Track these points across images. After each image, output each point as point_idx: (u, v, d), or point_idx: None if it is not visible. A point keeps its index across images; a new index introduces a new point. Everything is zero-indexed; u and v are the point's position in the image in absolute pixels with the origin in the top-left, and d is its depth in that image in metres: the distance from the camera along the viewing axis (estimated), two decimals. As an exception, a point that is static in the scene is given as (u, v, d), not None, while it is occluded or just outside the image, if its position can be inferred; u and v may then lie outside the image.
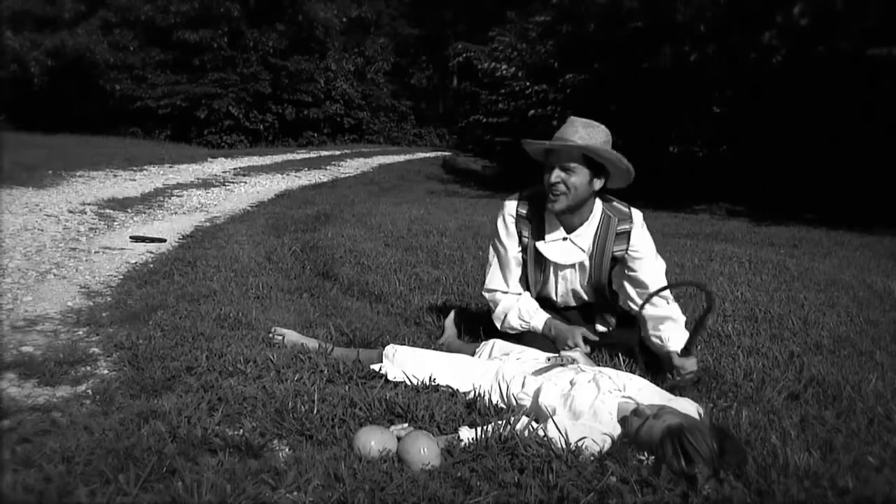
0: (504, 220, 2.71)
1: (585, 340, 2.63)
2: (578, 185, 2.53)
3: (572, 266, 2.70)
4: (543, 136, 2.75)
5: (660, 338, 2.58)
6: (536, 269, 2.73)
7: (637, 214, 2.69)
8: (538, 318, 2.68)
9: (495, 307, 2.76)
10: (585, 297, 2.79)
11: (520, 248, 2.71)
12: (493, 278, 2.76)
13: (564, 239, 2.66)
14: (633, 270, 2.68)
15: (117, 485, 1.60)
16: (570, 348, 2.55)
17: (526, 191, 2.73)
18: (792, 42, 9.12)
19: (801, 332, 3.26)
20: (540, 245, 2.67)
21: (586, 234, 2.66)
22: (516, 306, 2.71)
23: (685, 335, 2.56)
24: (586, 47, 11.91)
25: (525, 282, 2.78)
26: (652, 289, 2.64)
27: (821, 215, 9.09)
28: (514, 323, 2.71)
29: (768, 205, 9.97)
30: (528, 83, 13.19)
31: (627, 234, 2.66)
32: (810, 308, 3.74)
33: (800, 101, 9.67)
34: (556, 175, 2.52)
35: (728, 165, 10.89)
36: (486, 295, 2.80)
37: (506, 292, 2.75)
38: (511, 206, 2.71)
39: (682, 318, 2.64)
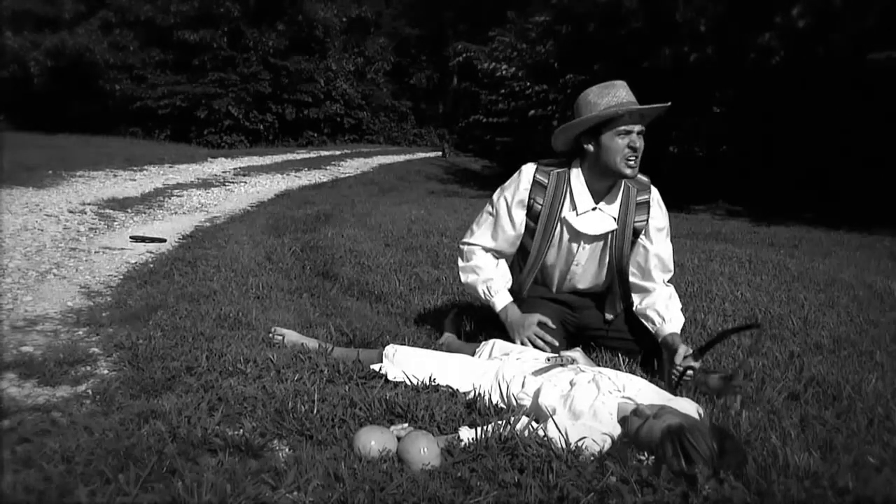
0: (518, 185, 2.62)
1: (544, 328, 2.57)
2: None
3: (600, 238, 2.64)
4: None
5: (657, 314, 2.55)
6: (545, 241, 2.64)
7: (652, 186, 2.68)
8: (500, 299, 2.64)
9: (467, 260, 2.71)
10: (595, 280, 2.73)
11: (525, 217, 2.64)
12: (481, 235, 2.70)
13: (594, 209, 2.60)
14: (648, 244, 2.64)
15: (117, 485, 1.60)
16: (523, 343, 2.53)
17: (545, 161, 2.65)
18: (791, 43, 9.13)
19: (801, 332, 3.26)
20: (570, 217, 2.60)
21: (613, 204, 2.61)
22: (488, 274, 2.66)
23: (680, 319, 2.55)
24: (586, 47, 11.91)
25: (519, 255, 2.72)
26: (662, 265, 2.62)
27: (821, 215, 9.09)
28: (479, 290, 2.67)
29: (768, 205, 9.98)
30: (528, 83, 13.20)
31: (647, 204, 2.63)
32: (810, 308, 3.74)
33: (800, 102, 9.67)
34: (641, 139, 2.48)
35: (728, 165, 10.90)
36: (464, 246, 2.74)
37: (487, 250, 2.70)
38: (529, 173, 2.62)
39: (679, 304, 2.64)
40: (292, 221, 6.74)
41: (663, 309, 2.58)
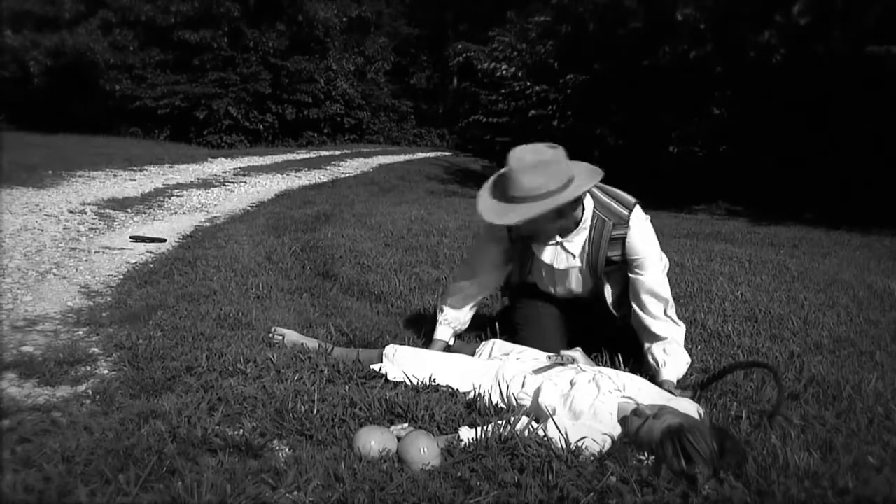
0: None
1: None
2: (549, 225, 2.50)
3: (567, 269, 2.67)
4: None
5: (655, 360, 2.46)
6: (525, 263, 2.75)
7: (635, 216, 2.54)
8: (439, 333, 2.74)
9: (444, 297, 2.83)
10: (584, 295, 2.75)
11: (506, 246, 2.70)
12: (458, 272, 2.86)
13: (557, 243, 2.62)
14: (638, 276, 2.57)
15: (117, 485, 1.60)
16: None
17: None
18: (791, 41, 9.13)
19: (801, 332, 3.26)
20: (536, 248, 2.66)
21: (577, 240, 2.58)
22: (443, 316, 2.76)
23: (682, 363, 2.45)
24: (586, 47, 11.91)
25: (517, 270, 2.80)
26: (654, 296, 2.54)
27: (820, 215, 9.09)
28: (438, 317, 2.80)
29: (768, 205, 9.98)
30: (528, 83, 13.20)
31: (622, 239, 2.54)
32: (810, 308, 3.74)
33: (799, 101, 9.67)
34: (523, 230, 2.52)
35: (728, 165, 10.89)
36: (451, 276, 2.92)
37: (459, 288, 2.77)
38: None
39: (682, 338, 2.53)
40: (292, 221, 6.73)
41: (660, 353, 2.47)
